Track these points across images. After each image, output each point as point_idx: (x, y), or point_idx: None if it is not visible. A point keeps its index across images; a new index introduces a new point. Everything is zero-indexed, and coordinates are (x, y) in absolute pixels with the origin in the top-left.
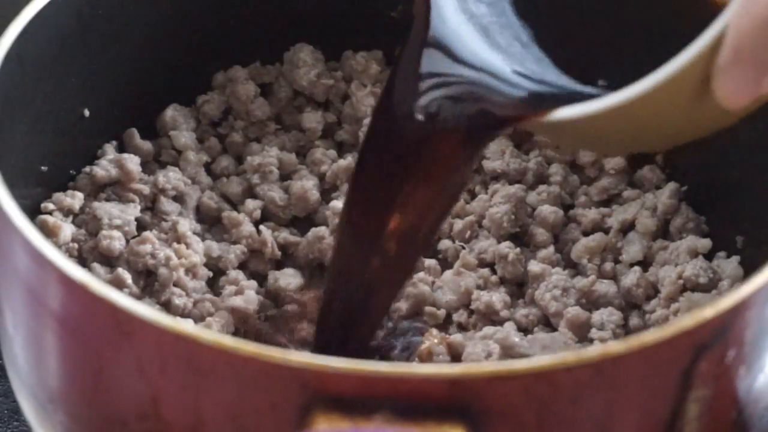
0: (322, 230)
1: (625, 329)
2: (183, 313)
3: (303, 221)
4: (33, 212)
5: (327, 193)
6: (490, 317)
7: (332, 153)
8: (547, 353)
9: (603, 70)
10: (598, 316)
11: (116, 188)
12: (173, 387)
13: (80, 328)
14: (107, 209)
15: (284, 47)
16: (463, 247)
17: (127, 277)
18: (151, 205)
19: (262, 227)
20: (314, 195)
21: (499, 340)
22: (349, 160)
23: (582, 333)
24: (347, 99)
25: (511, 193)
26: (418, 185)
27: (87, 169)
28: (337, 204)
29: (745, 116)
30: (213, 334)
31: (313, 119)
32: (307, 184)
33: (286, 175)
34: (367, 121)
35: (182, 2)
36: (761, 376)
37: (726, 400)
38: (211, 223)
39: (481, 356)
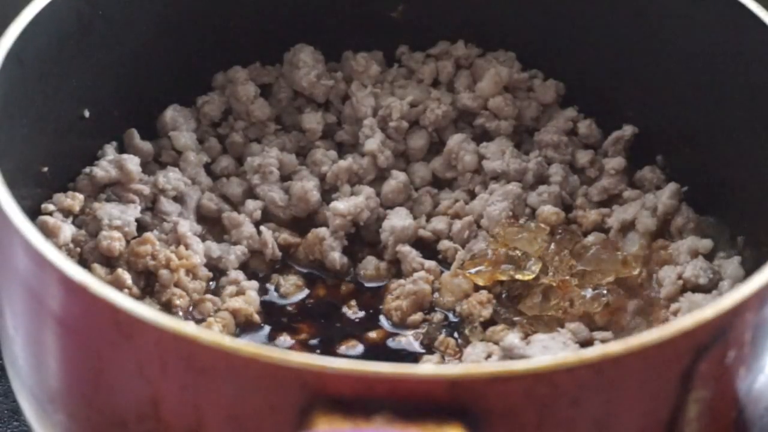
0: (323, 231)
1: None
2: (183, 314)
3: (303, 222)
4: (33, 213)
5: (327, 193)
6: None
7: (332, 153)
8: (547, 354)
9: None
10: None
11: (116, 189)
12: (173, 388)
13: (80, 328)
14: (107, 210)
15: (284, 48)
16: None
17: (128, 277)
18: (151, 205)
19: (262, 228)
20: (315, 196)
21: (498, 340)
22: (349, 161)
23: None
24: (347, 99)
25: (508, 190)
26: None
27: (87, 169)
28: (338, 204)
29: (745, 117)
30: (213, 334)
31: (313, 120)
32: (307, 185)
33: (286, 176)
34: (367, 121)
35: (182, 3)
36: (761, 376)
37: (726, 401)
38: (211, 223)
39: (481, 357)
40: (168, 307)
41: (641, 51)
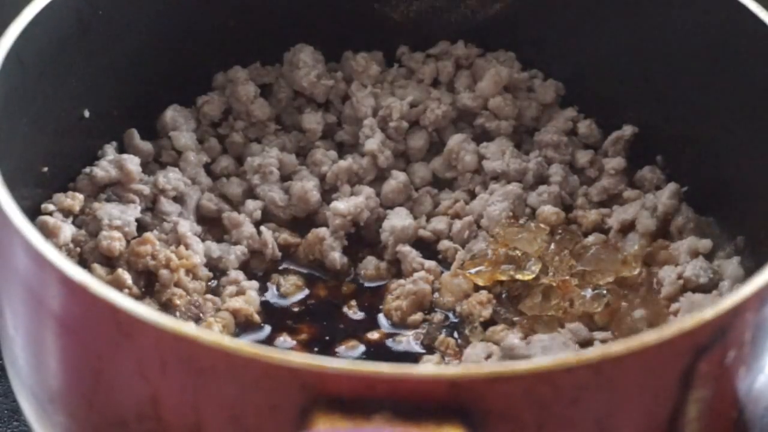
0: (323, 231)
1: None
2: (183, 314)
3: (303, 222)
4: (33, 213)
5: (327, 193)
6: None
7: (332, 153)
8: (547, 354)
9: None
10: None
11: (116, 189)
12: (173, 388)
13: (80, 328)
14: (107, 210)
15: (284, 47)
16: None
17: (128, 277)
18: (151, 205)
19: (262, 228)
20: (315, 196)
21: (498, 340)
22: (349, 161)
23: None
24: (347, 99)
25: (508, 190)
26: None
27: (87, 169)
28: (338, 204)
29: (745, 117)
30: (213, 334)
31: (313, 120)
32: (307, 185)
33: (286, 176)
34: (367, 121)
35: (182, 3)
36: (761, 376)
37: (726, 401)
38: (211, 223)
39: (481, 357)
40: (168, 308)
41: (641, 51)
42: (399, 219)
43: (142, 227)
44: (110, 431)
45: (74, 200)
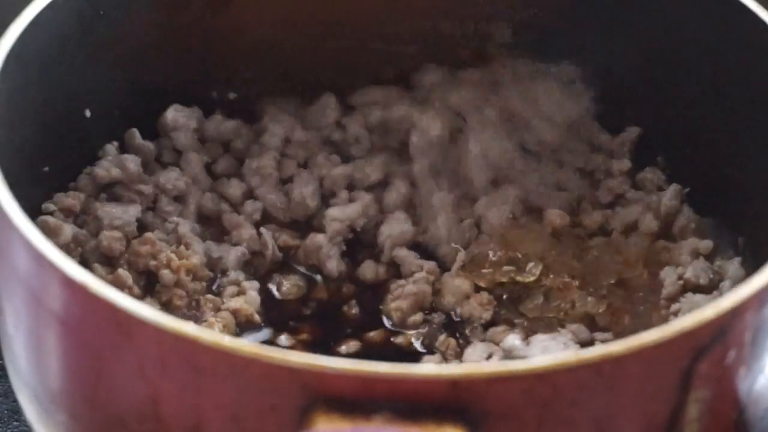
0: (320, 238)
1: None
2: (184, 314)
3: (303, 223)
4: (34, 213)
5: (327, 198)
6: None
7: (335, 158)
8: (547, 355)
9: None
10: None
11: (117, 189)
12: (173, 388)
13: (81, 328)
14: (108, 210)
15: None
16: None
17: (128, 277)
18: (152, 205)
19: (262, 229)
20: (313, 200)
21: (499, 341)
22: (351, 166)
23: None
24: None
25: (510, 191)
26: None
27: (88, 169)
28: (333, 211)
29: (746, 118)
30: (213, 334)
31: None
32: (305, 190)
33: (286, 179)
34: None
35: (183, 2)
36: (761, 377)
37: (726, 401)
38: (211, 224)
39: (482, 358)
40: (168, 307)
41: (642, 51)
42: (397, 223)
43: (142, 227)
44: (111, 431)
45: (75, 200)
